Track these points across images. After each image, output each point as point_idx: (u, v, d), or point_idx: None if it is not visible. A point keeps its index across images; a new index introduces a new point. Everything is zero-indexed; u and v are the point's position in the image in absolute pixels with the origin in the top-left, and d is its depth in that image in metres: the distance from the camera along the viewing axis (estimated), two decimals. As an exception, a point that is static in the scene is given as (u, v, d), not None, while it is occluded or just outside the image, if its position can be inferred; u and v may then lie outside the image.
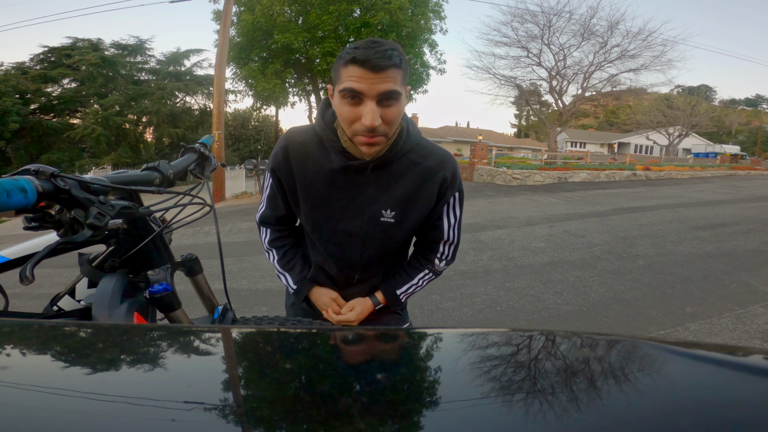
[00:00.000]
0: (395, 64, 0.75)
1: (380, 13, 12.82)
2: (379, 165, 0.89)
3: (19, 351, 0.35)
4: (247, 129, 34.16)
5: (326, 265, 1.02)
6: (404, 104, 0.81)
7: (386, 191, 0.91)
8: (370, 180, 0.90)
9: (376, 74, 0.74)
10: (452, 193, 0.96)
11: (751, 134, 46.92)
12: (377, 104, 0.76)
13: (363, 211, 0.92)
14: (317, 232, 0.96)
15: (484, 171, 12.79)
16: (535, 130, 55.55)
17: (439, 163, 0.93)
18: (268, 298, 3.29)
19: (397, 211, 0.92)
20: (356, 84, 0.75)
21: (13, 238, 6.88)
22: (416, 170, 0.91)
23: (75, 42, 21.05)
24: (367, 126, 0.77)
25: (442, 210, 0.98)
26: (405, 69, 0.79)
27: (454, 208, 0.99)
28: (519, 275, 3.75)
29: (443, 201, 0.96)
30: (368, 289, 1.05)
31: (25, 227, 0.53)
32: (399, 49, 0.78)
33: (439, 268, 1.06)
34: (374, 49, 0.74)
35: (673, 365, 0.34)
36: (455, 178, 0.96)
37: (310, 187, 0.92)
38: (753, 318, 2.85)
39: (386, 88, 0.75)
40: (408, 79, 0.82)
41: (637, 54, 18.05)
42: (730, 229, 5.83)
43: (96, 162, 19.07)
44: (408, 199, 0.92)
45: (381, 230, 0.93)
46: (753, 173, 18.07)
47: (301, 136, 0.93)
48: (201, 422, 0.24)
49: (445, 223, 1.00)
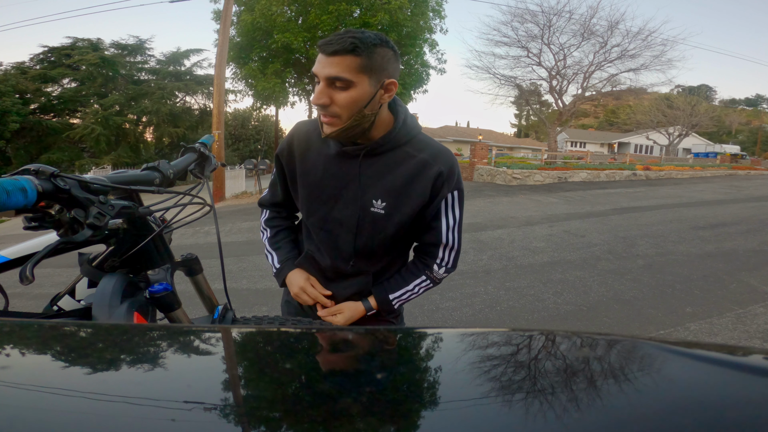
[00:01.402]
0: (347, 50, 0.77)
1: (380, 13, 12.82)
2: (372, 152, 0.90)
3: (19, 351, 0.35)
4: (247, 129, 34.16)
5: (318, 254, 1.00)
6: (364, 92, 0.81)
7: (378, 181, 0.91)
8: (363, 168, 0.91)
9: (326, 57, 0.79)
10: (449, 190, 0.93)
11: (751, 134, 46.91)
12: (328, 86, 0.80)
13: (355, 200, 0.92)
14: (311, 217, 0.98)
15: (484, 171, 12.79)
16: (535, 129, 55.53)
17: (434, 156, 0.92)
18: (268, 298, 3.29)
19: (388, 203, 0.91)
20: (315, 67, 0.82)
21: (13, 238, 6.88)
22: (410, 162, 0.91)
23: (75, 42, 21.04)
24: (312, 101, 0.83)
25: (439, 209, 0.94)
26: (369, 58, 0.79)
27: (453, 207, 0.96)
28: (519, 275, 3.75)
29: (439, 198, 0.93)
30: (359, 285, 1.01)
31: (25, 227, 0.53)
32: (371, 39, 0.79)
33: (438, 276, 1.02)
34: (337, 35, 0.79)
35: (673, 365, 0.34)
36: (452, 175, 0.93)
37: (308, 174, 0.95)
38: (753, 318, 2.85)
39: (331, 73, 0.78)
40: (386, 72, 0.83)
41: (637, 54, 18.06)
42: (730, 228, 5.83)
43: (96, 162, 19.06)
44: (399, 190, 0.91)
45: (371, 221, 0.92)
46: (753, 173, 18.07)
47: (307, 125, 0.98)
48: (201, 422, 0.24)
49: (443, 224, 0.96)
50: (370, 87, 0.82)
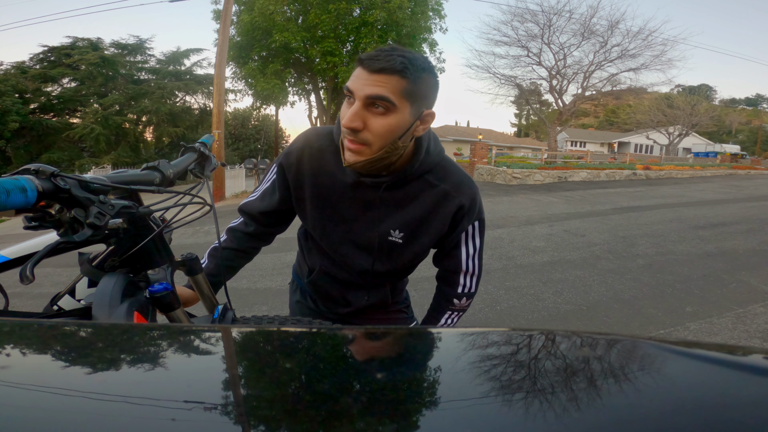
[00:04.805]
0: (396, 69, 0.68)
1: (377, 11, 12.80)
2: (393, 185, 0.84)
3: (19, 351, 0.35)
4: (247, 128, 34.17)
5: (333, 269, 0.98)
6: (403, 120, 0.73)
7: (397, 212, 0.87)
8: (383, 199, 0.86)
9: (369, 75, 0.69)
10: (469, 222, 0.90)
11: (751, 134, 46.90)
12: (365, 108, 0.71)
13: (373, 226, 0.89)
14: (326, 239, 0.94)
15: (484, 170, 12.78)
16: (535, 129, 55.52)
17: (456, 187, 0.87)
18: (268, 298, 3.29)
19: (406, 233, 0.88)
20: (351, 82, 0.72)
21: (13, 238, 6.88)
22: (431, 193, 0.86)
23: (74, 41, 21.01)
24: (344, 124, 0.72)
25: (459, 239, 0.92)
26: (415, 83, 0.70)
27: (473, 237, 0.93)
28: (519, 274, 3.75)
29: (459, 230, 0.90)
30: (377, 297, 1.01)
31: (25, 227, 0.53)
32: (419, 62, 0.71)
33: (462, 306, 1.00)
34: (383, 51, 0.70)
35: (673, 365, 0.34)
36: (474, 207, 0.89)
37: (322, 198, 0.89)
38: (753, 317, 2.85)
39: (373, 92, 0.69)
40: (427, 101, 0.75)
41: (638, 53, 18.08)
42: (730, 228, 5.83)
43: (96, 161, 19.05)
44: (418, 222, 0.87)
45: (388, 247, 0.90)
46: (753, 173, 18.06)
47: (319, 140, 0.89)
48: (201, 422, 0.24)
49: (462, 253, 0.93)
50: (410, 116, 0.73)
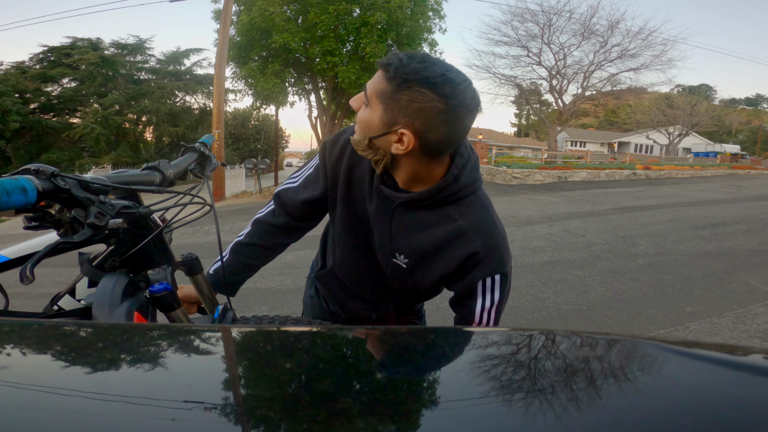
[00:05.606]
0: (382, 64, 0.67)
1: (378, 12, 12.80)
2: (408, 205, 0.78)
3: (19, 351, 0.35)
4: (247, 128, 34.15)
5: (341, 273, 0.97)
6: (372, 121, 0.69)
7: (406, 236, 0.81)
8: (395, 214, 0.80)
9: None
10: (485, 275, 0.77)
11: (751, 133, 46.87)
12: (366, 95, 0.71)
13: (384, 242, 0.85)
14: (341, 241, 0.93)
15: (484, 170, 12.78)
16: (535, 129, 55.50)
17: (476, 228, 0.76)
18: (269, 298, 3.29)
19: (411, 260, 0.82)
20: None
21: (13, 238, 6.88)
22: (447, 227, 0.77)
23: (74, 41, 21.00)
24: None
25: (474, 288, 0.79)
26: (397, 89, 0.65)
27: (492, 291, 0.79)
28: (519, 274, 3.75)
29: (469, 278, 0.78)
30: (379, 312, 0.98)
31: (25, 227, 0.53)
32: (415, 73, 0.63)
33: None
34: (407, 55, 0.68)
35: (673, 365, 0.34)
36: (492, 258, 0.76)
37: (350, 195, 0.87)
38: (753, 317, 2.85)
39: (367, 83, 0.70)
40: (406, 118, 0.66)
41: (638, 53, 18.07)
42: (730, 228, 5.83)
43: (96, 161, 19.04)
44: (425, 253, 0.80)
45: (393, 268, 0.86)
46: (753, 172, 18.05)
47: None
48: (201, 422, 0.24)
49: (477, 305, 0.79)
50: (379, 121, 0.68)
